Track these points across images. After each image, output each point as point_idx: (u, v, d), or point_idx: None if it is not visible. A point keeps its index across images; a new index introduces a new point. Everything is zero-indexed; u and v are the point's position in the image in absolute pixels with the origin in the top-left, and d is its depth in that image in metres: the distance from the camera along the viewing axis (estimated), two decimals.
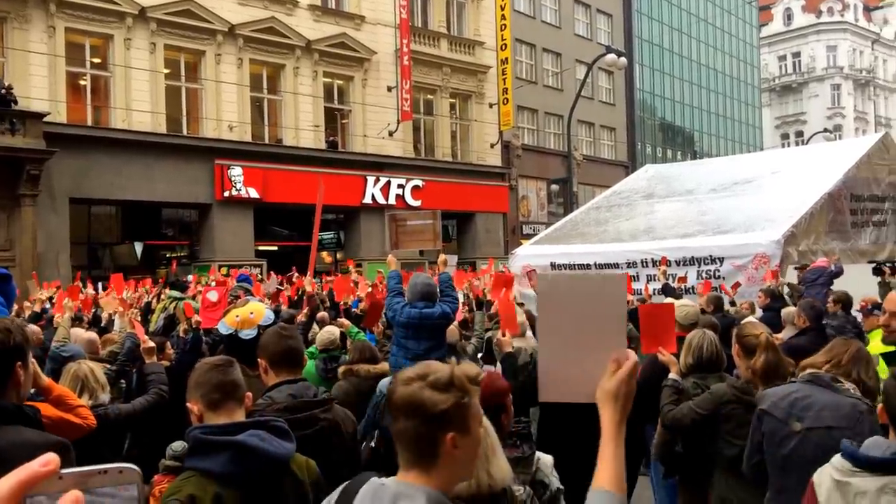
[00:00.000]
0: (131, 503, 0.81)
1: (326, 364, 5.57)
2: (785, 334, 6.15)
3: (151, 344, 4.69)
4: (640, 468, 5.27)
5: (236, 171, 19.92)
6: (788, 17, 61.06)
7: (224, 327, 4.04)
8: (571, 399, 1.64)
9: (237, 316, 4.01)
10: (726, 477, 3.89)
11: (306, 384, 3.03)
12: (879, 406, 2.29)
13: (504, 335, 4.40)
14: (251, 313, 4.02)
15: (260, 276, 15.66)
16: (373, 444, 4.26)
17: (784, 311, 6.74)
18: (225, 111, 20.06)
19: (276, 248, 22.20)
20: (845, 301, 7.09)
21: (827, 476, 2.34)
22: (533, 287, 7.58)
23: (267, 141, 21.51)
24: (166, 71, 19.45)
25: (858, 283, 8.93)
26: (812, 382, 3.18)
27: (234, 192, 19.88)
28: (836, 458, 2.33)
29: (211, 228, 19.98)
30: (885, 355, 3.84)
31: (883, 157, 11.99)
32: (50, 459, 0.72)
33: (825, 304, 6.90)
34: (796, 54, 60.64)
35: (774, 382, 3.55)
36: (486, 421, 2.35)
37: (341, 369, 4.99)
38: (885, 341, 3.68)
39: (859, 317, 7.24)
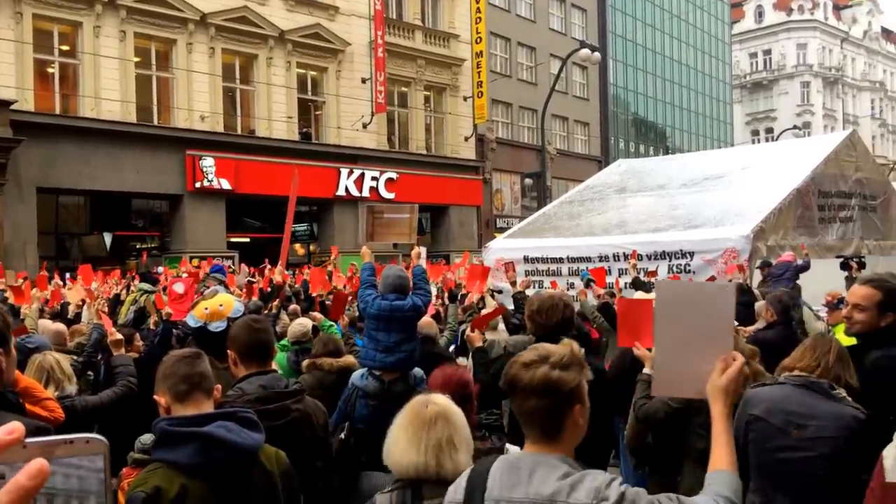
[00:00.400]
0: (98, 475, 0.79)
1: (298, 356, 5.55)
2: (757, 327, 6.24)
3: (119, 336, 4.63)
4: (610, 459, 5.31)
5: (208, 162, 19.71)
6: (760, 14, 61.76)
7: (193, 320, 3.99)
8: (683, 394, 1.98)
9: (206, 308, 3.96)
10: (696, 469, 3.93)
11: (276, 376, 3.02)
12: None
13: (473, 331, 4.41)
14: (220, 305, 3.98)
15: (232, 268, 15.53)
16: (342, 436, 4.25)
17: (757, 305, 6.83)
18: (196, 101, 19.83)
19: (248, 239, 22.03)
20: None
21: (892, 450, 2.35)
22: (508, 280, 7.59)
23: (239, 132, 21.31)
24: (136, 59, 19.16)
25: (825, 277, 9.11)
26: (807, 388, 3.12)
27: (205, 183, 19.67)
28: None
29: (182, 219, 19.76)
30: (848, 348, 3.91)
31: (850, 154, 12.17)
32: (14, 428, 0.71)
33: (795, 298, 7.02)
34: (767, 52, 61.39)
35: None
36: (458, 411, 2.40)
37: (305, 363, 4.98)
38: (847, 333, 3.75)
39: (824, 311, 7.37)
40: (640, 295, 7.24)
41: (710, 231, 9.87)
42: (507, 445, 2.96)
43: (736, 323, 4.21)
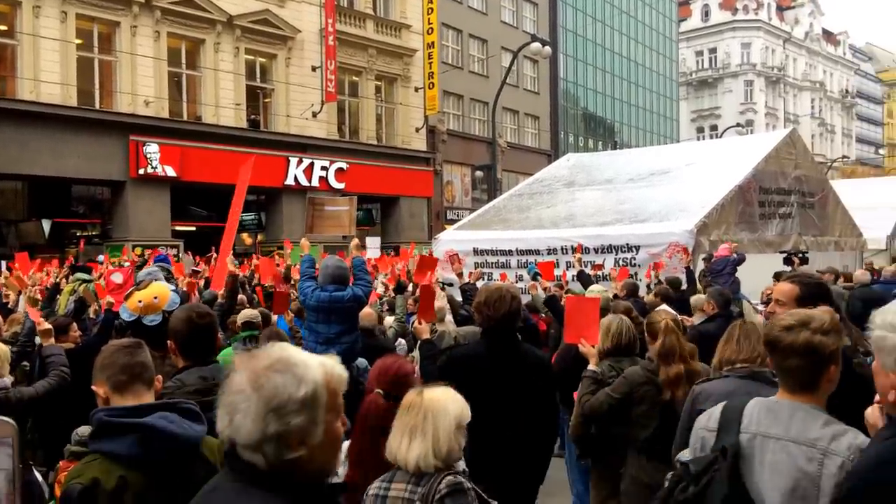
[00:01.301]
0: (6, 459, 0.77)
1: (247, 344, 5.47)
2: (694, 321, 6.39)
3: (47, 326, 4.49)
4: (555, 450, 5.41)
5: (152, 148, 19.26)
6: (706, 13, 63.01)
7: (127, 313, 3.89)
8: None
9: (140, 301, 3.86)
10: (638, 458, 4.03)
11: (218, 367, 2.96)
12: None
13: (420, 323, 4.40)
14: (155, 297, 3.87)
15: (177, 257, 15.22)
16: None
17: (693, 299, 6.99)
18: (141, 85, 19.33)
19: (193, 228, 21.61)
20: (631, 289, 7.74)
21: None
22: (455, 272, 7.60)
23: (185, 118, 20.85)
24: (78, 41, 18.56)
25: (766, 271, 9.41)
26: (751, 378, 3.18)
27: (149, 170, 19.22)
28: None
29: (125, 207, 19.28)
30: None
31: (790, 152, 12.52)
32: None
33: (735, 292, 7.22)
34: (713, 50, 62.71)
35: (673, 363, 3.89)
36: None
37: None
38: None
39: (761, 306, 7.59)
40: (579, 290, 7.36)
41: (655, 225, 10.06)
42: None
43: (676, 315, 4.38)
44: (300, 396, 1.44)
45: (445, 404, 2.43)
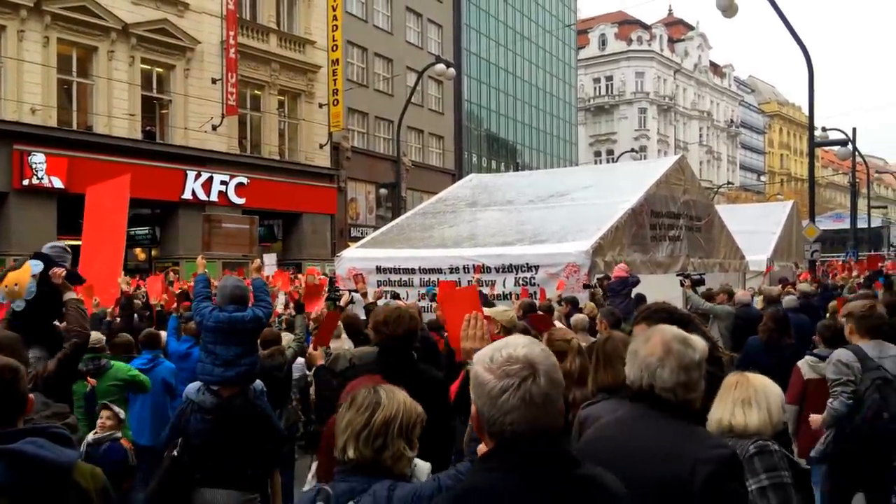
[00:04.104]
0: None
1: (89, 366, 5.36)
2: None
3: None
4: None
5: (38, 158, 18.29)
6: (603, 42, 65.57)
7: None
8: None
9: (5, 285, 3.64)
10: None
11: None
12: None
13: (316, 349, 4.33)
14: (15, 284, 3.64)
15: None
16: (175, 452, 4.03)
17: (573, 319, 7.13)
18: (27, 92, 18.36)
19: (81, 242, 20.56)
20: (527, 308, 7.82)
21: None
22: (359, 291, 7.53)
23: (75, 127, 19.93)
24: None
25: (659, 292, 9.86)
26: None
27: (34, 181, 18.23)
28: None
29: (7, 219, 18.19)
30: None
31: (679, 177, 13.13)
32: None
33: (629, 312, 7.47)
34: (609, 78, 65.27)
35: (584, 385, 3.76)
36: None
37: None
38: None
39: None
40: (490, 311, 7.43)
41: (553, 246, 10.31)
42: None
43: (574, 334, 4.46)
44: (696, 359, 2.22)
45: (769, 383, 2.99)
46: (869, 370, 4.42)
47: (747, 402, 2.87)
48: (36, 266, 3.65)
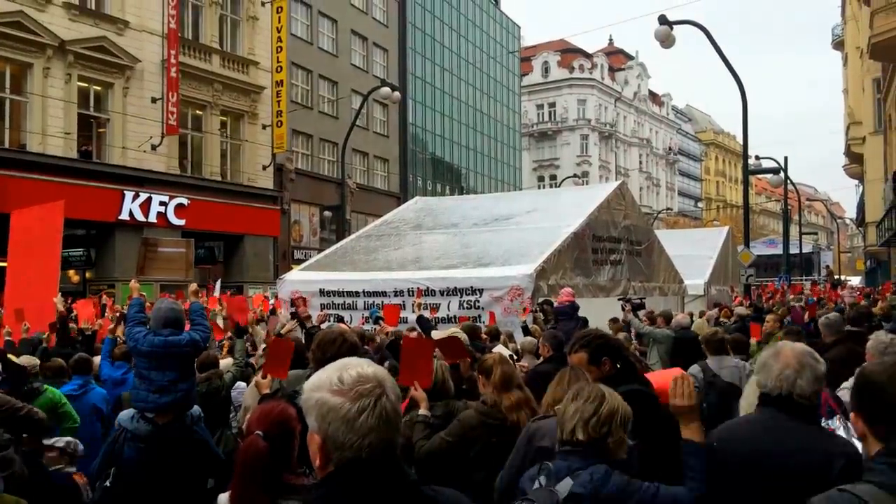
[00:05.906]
0: None
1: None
2: (524, 363, 6.59)
3: None
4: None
5: None
6: (546, 69, 66.82)
7: None
8: None
9: None
10: (475, 499, 4.04)
11: None
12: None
13: (264, 377, 4.22)
14: None
15: None
16: (108, 483, 3.88)
17: (520, 342, 7.19)
18: None
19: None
20: (470, 331, 7.77)
21: None
22: (301, 315, 7.41)
23: (7, 145, 19.27)
24: None
25: (603, 314, 10.09)
26: None
27: None
28: None
29: None
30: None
31: (620, 202, 13.40)
32: None
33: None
34: (552, 104, 66.48)
35: (512, 388, 3.95)
36: None
37: None
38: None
39: None
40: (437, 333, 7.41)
41: (497, 269, 10.37)
42: None
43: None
44: (824, 371, 2.58)
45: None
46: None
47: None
48: None
